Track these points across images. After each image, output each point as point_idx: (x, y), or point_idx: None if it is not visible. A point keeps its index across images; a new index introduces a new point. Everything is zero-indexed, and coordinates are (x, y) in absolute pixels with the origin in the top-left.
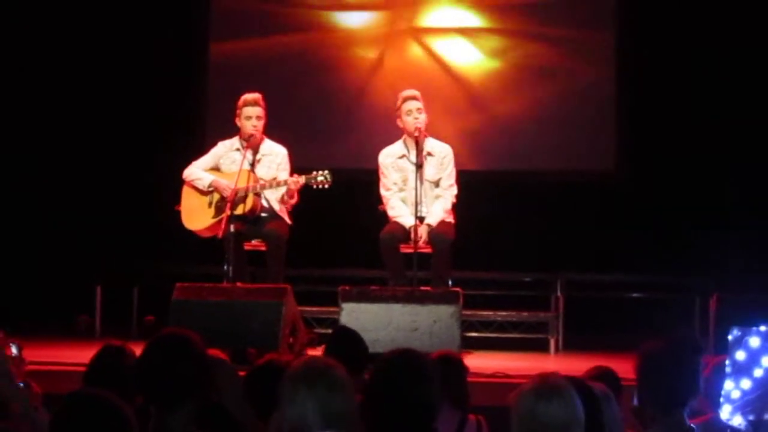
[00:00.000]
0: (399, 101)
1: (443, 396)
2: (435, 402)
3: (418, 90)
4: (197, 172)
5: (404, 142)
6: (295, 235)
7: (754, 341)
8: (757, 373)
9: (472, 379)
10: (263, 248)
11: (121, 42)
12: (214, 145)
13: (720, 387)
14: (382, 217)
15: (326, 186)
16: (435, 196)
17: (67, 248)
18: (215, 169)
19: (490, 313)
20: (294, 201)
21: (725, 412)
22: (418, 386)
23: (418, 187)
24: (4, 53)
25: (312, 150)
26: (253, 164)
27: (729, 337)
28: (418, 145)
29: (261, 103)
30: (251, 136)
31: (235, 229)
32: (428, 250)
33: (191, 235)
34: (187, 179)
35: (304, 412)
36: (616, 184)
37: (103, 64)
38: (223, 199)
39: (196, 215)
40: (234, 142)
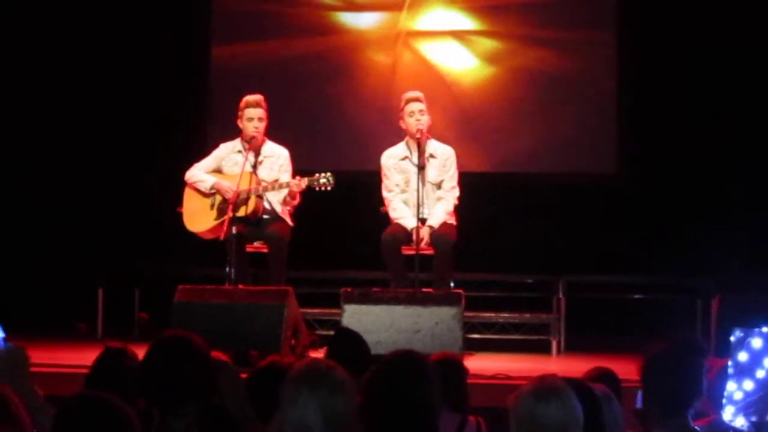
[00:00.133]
0: (402, 103)
1: (443, 398)
2: (435, 403)
3: (421, 92)
4: (199, 174)
5: (407, 144)
6: (297, 237)
7: (757, 342)
8: (760, 374)
9: (473, 381)
10: (265, 250)
11: (124, 43)
12: (215, 146)
13: (723, 389)
14: (384, 219)
15: (328, 188)
16: (437, 198)
17: (69, 250)
18: (217, 171)
19: (492, 314)
20: (296, 203)
21: (728, 414)
22: (418, 388)
23: (420, 189)
24: (5, 53)
25: (314, 152)
26: (255, 166)
27: (731, 339)
28: (420, 147)
29: (263, 104)
30: (253, 137)
31: (237, 231)
32: (430, 252)
33: (193, 237)
34: (189, 181)
35: (306, 414)
36: (618, 185)
37: (105, 66)
38: (225, 201)
39: (198, 217)
40: (236, 143)
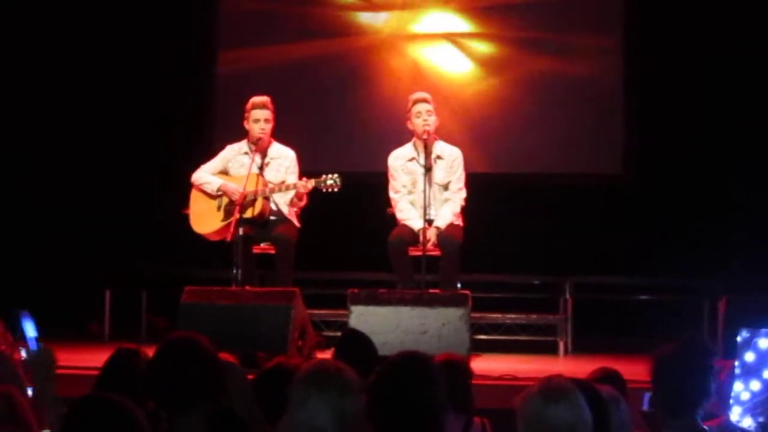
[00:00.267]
0: (409, 104)
1: (447, 399)
2: (441, 404)
3: (428, 93)
4: (206, 176)
5: (414, 145)
6: (304, 238)
7: (763, 343)
8: (767, 374)
9: (480, 382)
10: (272, 251)
11: (128, 43)
12: (222, 148)
13: (730, 389)
14: (391, 220)
15: (335, 189)
16: (444, 200)
17: (76, 252)
18: (224, 172)
19: (499, 315)
20: (303, 204)
21: (735, 414)
22: (423, 389)
23: (427, 190)
24: (18, 57)
25: (320, 153)
26: (261, 168)
27: (738, 339)
28: (427, 148)
29: (269, 106)
30: (259, 139)
31: (244, 233)
32: (437, 253)
33: (200, 239)
34: (196, 183)
35: (316, 415)
36: (624, 186)
37: (113, 67)
38: (232, 203)
39: (205, 219)
40: (242, 145)
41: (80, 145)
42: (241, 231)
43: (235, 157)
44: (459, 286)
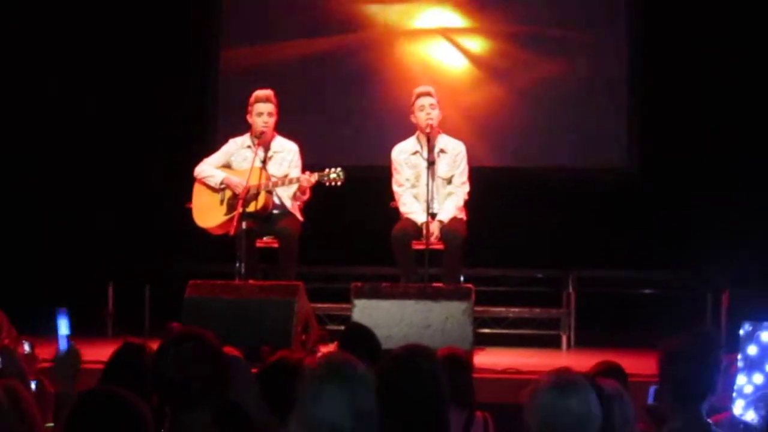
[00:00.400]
0: (413, 97)
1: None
2: (444, 398)
3: (432, 86)
4: (209, 169)
5: (417, 139)
6: (307, 232)
7: (766, 336)
8: None
9: (484, 376)
10: (275, 245)
11: (131, 39)
12: (225, 142)
13: (733, 383)
14: (394, 214)
15: (338, 183)
16: (447, 193)
17: (80, 246)
18: (226, 166)
19: (502, 309)
20: (306, 198)
21: (738, 408)
22: (427, 382)
23: (430, 184)
24: (20, 54)
25: (324, 147)
26: (264, 161)
27: (740, 332)
28: (430, 142)
29: (272, 99)
30: (262, 132)
31: (247, 227)
32: (440, 247)
33: (203, 233)
34: (199, 176)
35: (332, 409)
36: (628, 180)
37: (114, 63)
38: (235, 197)
39: (208, 213)
40: (245, 139)
41: (83, 141)
42: (244, 225)
43: (238, 150)
44: (462, 279)
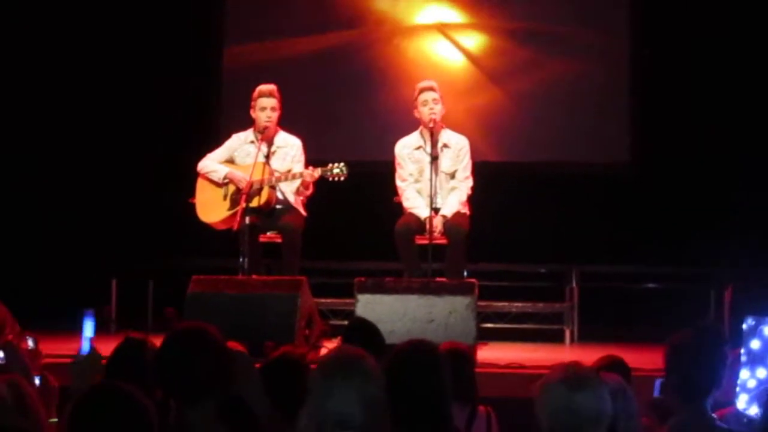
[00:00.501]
0: (416, 92)
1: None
2: (447, 393)
3: (435, 81)
4: (212, 164)
5: (420, 134)
6: (311, 227)
7: None
8: None
9: (487, 371)
10: (278, 240)
11: (134, 33)
12: (228, 137)
13: (737, 377)
14: (398, 209)
15: (342, 178)
16: (450, 188)
17: (83, 242)
18: (230, 161)
19: (506, 304)
20: (309, 192)
21: (741, 402)
22: (431, 377)
23: (434, 179)
24: (24, 50)
25: (327, 142)
26: (267, 156)
27: (744, 327)
28: (434, 137)
29: (276, 94)
30: (265, 127)
31: (250, 222)
32: (443, 242)
33: (206, 228)
34: (202, 171)
35: (343, 403)
36: (631, 175)
37: (118, 58)
38: (238, 192)
39: (211, 208)
40: (248, 134)
41: (88, 137)
42: (247, 220)
43: (241, 146)
44: (465, 274)
